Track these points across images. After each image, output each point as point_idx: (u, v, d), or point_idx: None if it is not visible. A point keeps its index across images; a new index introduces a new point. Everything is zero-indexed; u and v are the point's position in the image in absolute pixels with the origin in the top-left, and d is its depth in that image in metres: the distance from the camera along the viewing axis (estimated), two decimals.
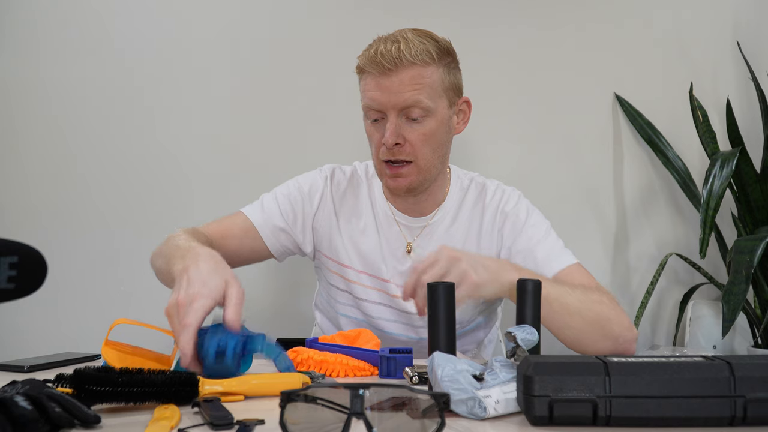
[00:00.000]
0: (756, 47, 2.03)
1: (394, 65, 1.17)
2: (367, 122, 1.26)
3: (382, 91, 1.19)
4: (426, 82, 1.20)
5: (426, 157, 1.25)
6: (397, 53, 1.17)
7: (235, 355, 0.88)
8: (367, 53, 1.21)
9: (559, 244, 1.30)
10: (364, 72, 1.23)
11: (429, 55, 1.20)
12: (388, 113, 1.21)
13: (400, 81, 1.18)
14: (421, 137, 1.22)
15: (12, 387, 0.73)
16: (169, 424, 0.68)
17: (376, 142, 1.25)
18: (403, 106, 1.20)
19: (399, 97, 1.19)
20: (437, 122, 1.24)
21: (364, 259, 1.33)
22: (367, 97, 1.22)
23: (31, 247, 0.63)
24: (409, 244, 1.33)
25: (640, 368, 0.66)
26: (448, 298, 0.82)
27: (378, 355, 1.01)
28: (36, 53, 1.92)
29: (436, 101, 1.22)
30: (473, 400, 0.71)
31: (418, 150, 1.23)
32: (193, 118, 1.96)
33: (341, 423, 0.60)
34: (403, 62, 1.17)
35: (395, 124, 1.20)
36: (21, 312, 1.82)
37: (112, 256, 1.92)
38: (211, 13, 1.97)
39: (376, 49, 1.19)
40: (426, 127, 1.22)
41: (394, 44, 1.18)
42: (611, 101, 2.05)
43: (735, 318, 1.58)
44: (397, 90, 1.19)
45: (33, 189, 1.93)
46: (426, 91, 1.20)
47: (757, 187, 1.90)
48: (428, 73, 1.20)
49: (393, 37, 1.21)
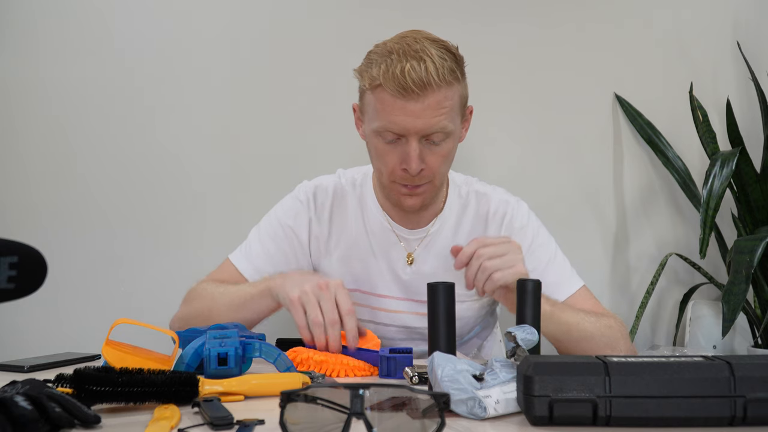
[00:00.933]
0: (756, 47, 2.03)
1: (422, 89, 1.09)
2: (378, 141, 1.17)
3: (407, 116, 1.11)
4: (449, 104, 1.14)
5: (442, 175, 1.22)
6: (426, 77, 1.08)
7: (236, 360, 0.88)
8: (389, 71, 1.10)
9: (567, 265, 1.29)
10: (381, 89, 1.12)
11: (453, 75, 1.13)
12: (410, 138, 1.13)
13: (426, 106, 1.11)
14: (440, 159, 1.18)
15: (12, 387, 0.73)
16: (169, 424, 0.68)
17: (391, 164, 1.17)
18: (428, 132, 1.13)
19: (425, 122, 1.12)
20: (454, 141, 1.20)
21: (355, 277, 1.29)
22: (388, 120, 1.13)
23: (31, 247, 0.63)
24: (410, 254, 1.30)
25: (640, 368, 0.66)
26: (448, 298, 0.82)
27: (378, 355, 1.01)
28: (36, 53, 1.92)
29: (455, 121, 1.18)
30: (473, 400, 0.71)
31: (436, 171, 1.19)
32: (194, 118, 1.96)
33: (341, 423, 0.60)
34: (431, 86, 1.09)
35: (419, 150, 1.14)
36: (21, 312, 1.82)
37: (113, 256, 1.92)
38: (212, 12, 1.96)
39: (402, 68, 1.08)
40: (445, 149, 1.18)
41: (420, 63, 1.09)
42: (611, 101, 2.05)
43: (735, 318, 1.58)
44: (422, 115, 1.11)
45: (33, 189, 1.93)
46: (449, 115, 1.14)
47: (757, 187, 1.90)
48: (452, 95, 1.14)
49: (414, 53, 1.10)
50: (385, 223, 1.31)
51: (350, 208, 1.32)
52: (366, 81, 1.16)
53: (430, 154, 1.16)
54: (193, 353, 0.91)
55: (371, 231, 1.30)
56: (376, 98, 1.15)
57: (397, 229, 1.31)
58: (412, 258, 1.29)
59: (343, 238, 1.31)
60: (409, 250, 1.30)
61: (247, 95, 1.96)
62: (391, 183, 1.21)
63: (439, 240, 1.30)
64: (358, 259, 1.30)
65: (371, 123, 1.18)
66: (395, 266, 1.29)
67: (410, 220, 1.30)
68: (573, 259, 1.34)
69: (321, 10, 1.98)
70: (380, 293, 1.29)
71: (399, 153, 1.16)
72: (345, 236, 1.31)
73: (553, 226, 1.37)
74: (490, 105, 2.00)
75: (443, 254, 1.26)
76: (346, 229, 1.31)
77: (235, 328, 0.98)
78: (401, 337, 1.30)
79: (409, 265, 1.29)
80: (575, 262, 1.33)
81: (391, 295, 1.29)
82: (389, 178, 1.20)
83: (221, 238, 1.92)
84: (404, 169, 1.16)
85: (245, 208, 1.93)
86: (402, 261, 1.30)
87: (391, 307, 1.29)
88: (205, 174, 1.95)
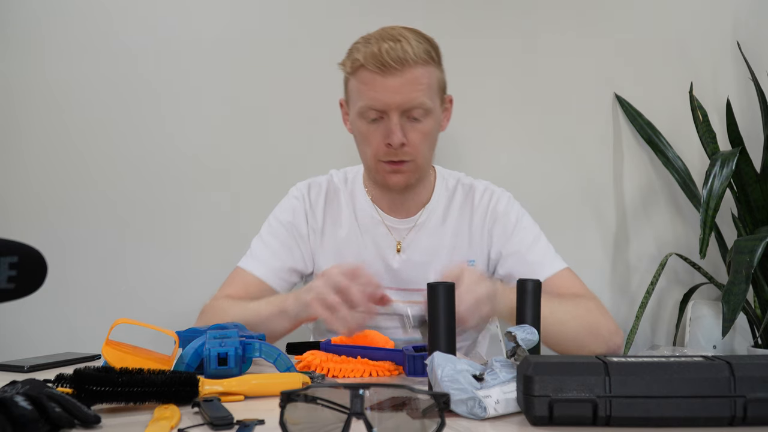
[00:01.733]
0: (756, 47, 2.03)
1: (400, 65, 1.15)
2: (362, 122, 1.23)
3: (386, 92, 1.17)
4: (426, 82, 1.20)
5: (424, 155, 1.25)
6: (403, 54, 1.15)
7: (236, 360, 0.88)
8: (366, 51, 1.18)
9: (551, 248, 1.31)
10: (362, 69, 1.19)
11: (429, 55, 1.20)
12: (391, 113, 1.19)
13: (405, 81, 1.17)
14: (422, 137, 1.22)
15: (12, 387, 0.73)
16: (169, 424, 0.68)
17: (375, 142, 1.23)
18: (408, 107, 1.19)
19: (404, 97, 1.17)
20: (434, 121, 1.24)
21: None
22: (369, 97, 1.19)
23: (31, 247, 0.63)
24: (399, 242, 1.33)
25: (640, 368, 0.66)
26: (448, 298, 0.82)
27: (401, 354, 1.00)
28: (40, 52, 1.93)
29: (434, 101, 1.23)
30: (473, 400, 0.71)
31: (418, 149, 1.23)
32: (197, 119, 1.96)
33: (341, 423, 0.60)
34: (408, 62, 1.16)
35: (400, 125, 1.19)
36: (21, 312, 1.82)
37: (113, 256, 1.92)
38: (214, 12, 1.97)
39: (379, 47, 1.16)
40: (426, 126, 1.22)
41: (396, 43, 1.16)
42: (611, 101, 2.05)
43: (735, 318, 1.58)
44: (402, 90, 1.17)
45: (34, 189, 1.93)
46: (427, 92, 1.20)
47: (757, 187, 1.90)
48: (428, 74, 1.20)
49: (391, 36, 1.19)
50: (375, 214, 1.34)
51: (342, 202, 1.36)
52: (348, 66, 1.23)
53: (411, 130, 1.21)
54: (193, 353, 0.91)
55: (362, 222, 1.34)
56: (358, 80, 1.21)
57: (387, 219, 1.34)
58: (401, 247, 1.32)
59: (336, 230, 1.34)
60: (398, 239, 1.33)
61: (249, 96, 1.96)
62: (377, 163, 1.25)
63: (428, 229, 1.33)
64: (350, 250, 1.32)
65: (355, 106, 1.23)
66: (385, 255, 1.32)
67: (399, 210, 1.33)
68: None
69: (321, 11, 1.98)
70: None
71: (382, 131, 1.21)
72: (338, 229, 1.34)
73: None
74: (490, 105, 2.01)
75: (431, 243, 1.32)
76: (338, 222, 1.34)
77: (235, 328, 0.98)
78: (395, 325, 1.31)
79: (398, 254, 1.32)
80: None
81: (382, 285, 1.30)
82: (374, 158, 1.24)
83: (221, 238, 1.93)
84: (388, 145, 1.20)
85: (245, 209, 1.93)
86: (392, 250, 1.33)
87: None
88: (205, 174, 1.95)
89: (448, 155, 1.75)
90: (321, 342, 1.09)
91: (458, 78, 1.87)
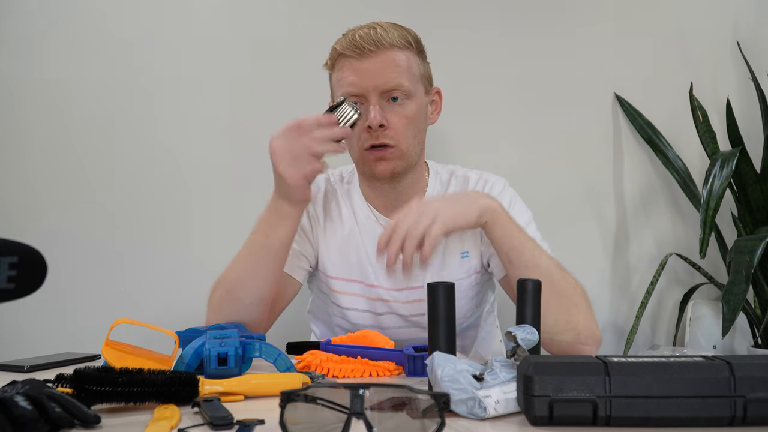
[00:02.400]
0: (756, 47, 2.03)
1: (375, 47, 1.19)
2: None
3: (363, 74, 1.19)
4: (405, 65, 1.22)
5: (408, 141, 1.24)
6: (377, 36, 1.19)
7: (236, 360, 0.89)
8: (344, 40, 1.22)
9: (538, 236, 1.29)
10: (341, 58, 1.22)
11: (406, 40, 1.23)
12: (369, 96, 1.20)
13: (381, 63, 1.19)
14: (404, 120, 1.22)
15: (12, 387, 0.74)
16: (169, 424, 0.68)
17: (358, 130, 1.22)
18: (385, 89, 1.20)
19: (381, 78, 1.19)
20: (417, 106, 1.24)
21: (350, 267, 1.31)
22: (347, 83, 1.21)
23: (31, 247, 0.63)
24: None
25: (640, 368, 0.66)
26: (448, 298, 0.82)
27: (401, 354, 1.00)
28: (38, 53, 1.92)
29: (415, 85, 1.24)
30: (473, 400, 0.71)
31: (400, 133, 1.22)
32: (195, 118, 1.96)
33: (341, 423, 0.60)
34: (384, 44, 1.19)
35: (380, 106, 1.20)
36: (21, 312, 1.82)
37: (113, 256, 1.92)
38: (214, 12, 1.97)
39: (354, 34, 1.20)
40: (407, 109, 1.23)
41: (371, 29, 1.20)
42: (611, 101, 2.05)
43: (735, 318, 1.58)
44: (378, 72, 1.19)
45: (33, 189, 1.93)
46: (406, 75, 1.21)
47: (757, 187, 1.90)
48: (406, 57, 1.22)
49: (368, 25, 1.23)
50: (371, 214, 1.33)
51: (340, 201, 1.35)
52: (329, 61, 1.26)
53: (391, 113, 1.22)
54: (193, 353, 0.91)
55: (360, 222, 1.33)
56: (337, 71, 1.24)
57: (383, 220, 1.33)
58: None
59: (337, 228, 1.33)
60: None
61: (249, 95, 1.96)
62: (362, 152, 1.25)
63: None
64: (352, 248, 1.32)
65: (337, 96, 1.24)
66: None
67: (393, 206, 1.32)
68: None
69: (321, 11, 1.98)
70: (372, 283, 1.31)
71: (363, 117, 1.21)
72: (338, 227, 1.34)
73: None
74: (490, 105, 2.00)
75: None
76: (338, 220, 1.34)
77: (235, 328, 0.98)
78: (398, 325, 1.31)
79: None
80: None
81: (382, 285, 1.30)
82: (359, 148, 1.24)
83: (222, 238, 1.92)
84: (369, 128, 1.21)
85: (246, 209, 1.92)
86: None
87: (384, 296, 1.30)
88: (205, 174, 1.95)
89: (449, 155, 1.75)
90: (321, 342, 1.09)
91: (458, 78, 1.88)
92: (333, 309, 1.34)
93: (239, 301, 1.15)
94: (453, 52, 1.94)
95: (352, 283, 1.31)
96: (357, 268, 1.31)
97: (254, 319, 1.16)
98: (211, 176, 1.96)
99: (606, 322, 2.01)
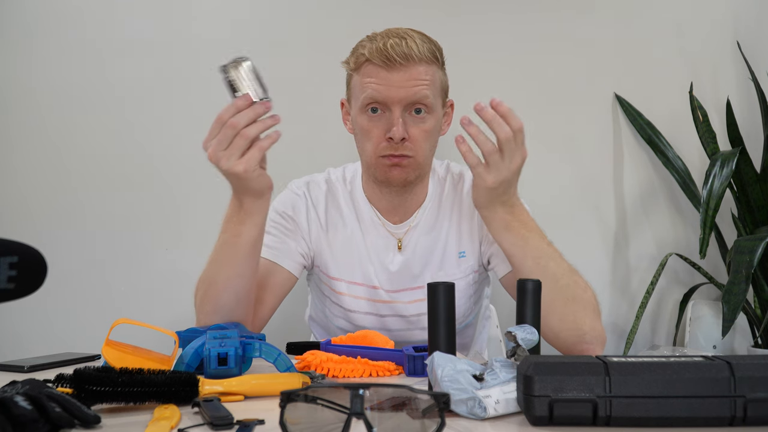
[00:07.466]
0: (756, 47, 2.03)
1: (405, 60, 1.18)
2: (364, 117, 1.23)
3: (390, 86, 1.19)
4: (430, 79, 1.21)
5: (425, 153, 1.25)
6: (408, 49, 1.18)
7: (236, 360, 0.88)
8: (371, 46, 1.20)
9: None
10: (368, 63, 1.21)
11: (433, 55, 1.22)
12: (393, 107, 1.20)
13: (409, 76, 1.19)
14: (423, 134, 1.23)
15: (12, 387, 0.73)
16: (169, 424, 0.68)
17: (375, 137, 1.22)
18: (411, 102, 1.20)
19: (408, 92, 1.19)
20: (436, 120, 1.25)
21: (352, 269, 1.31)
22: (371, 89, 1.20)
23: (31, 247, 0.63)
24: (400, 240, 1.32)
25: (640, 368, 0.66)
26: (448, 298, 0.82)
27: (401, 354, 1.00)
28: (33, 55, 1.92)
29: (437, 99, 1.24)
30: (473, 400, 0.71)
31: (419, 146, 1.23)
32: (192, 118, 1.95)
33: (341, 423, 0.60)
34: (413, 58, 1.19)
35: (402, 119, 1.20)
36: (21, 312, 1.82)
37: (112, 256, 1.92)
38: (208, 14, 1.97)
39: (384, 43, 1.19)
40: (428, 123, 1.23)
41: (402, 40, 1.19)
42: (611, 101, 2.05)
43: (735, 318, 1.58)
44: (405, 85, 1.19)
45: (33, 189, 1.93)
46: (431, 89, 1.21)
47: (757, 187, 1.90)
48: (432, 72, 1.22)
49: (397, 34, 1.22)
50: (375, 216, 1.33)
51: (342, 203, 1.35)
52: (352, 63, 1.25)
53: (413, 126, 1.22)
54: (193, 353, 0.91)
55: (363, 224, 1.33)
56: (362, 75, 1.22)
57: (385, 222, 1.33)
58: (401, 246, 1.32)
59: (340, 229, 1.33)
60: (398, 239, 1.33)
61: None
62: (377, 159, 1.24)
63: (423, 226, 1.33)
64: (355, 248, 1.32)
65: (357, 101, 1.24)
66: (387, 255, 1.32)
67: (395, 213, 1.33)
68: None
69: (322, 11, 1.98)
70: (374, 285, 1.31)
71: (383, 125, 1.21)
72: (341, 227, 1.33)
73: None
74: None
75: (428, 240, 1.31)
76: (341, 221, 1.34)
77: (235, 328, 0.98)
78: (400, 326, 1.31)
79: (399, 253, 1.32)
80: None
81: (384, 287, 1.31)
82: (375, 153, 1.24)
83: None
84: (389, 139, 1.21)
85: None
86: (392, 251, 1.32)
87: (387, 297, 1.31)
88: (204, 174, 1.95)
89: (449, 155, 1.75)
90: (321, 342, 1.09)
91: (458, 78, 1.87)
92: (335, 310, 1.34)
93: (217, 302, 1.14)
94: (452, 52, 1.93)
95: (356, 286, 1.31)
96: (359, 270, 1.31)
97: (238, 317, 1.14)
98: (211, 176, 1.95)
99: (606, 322, 2.01)
